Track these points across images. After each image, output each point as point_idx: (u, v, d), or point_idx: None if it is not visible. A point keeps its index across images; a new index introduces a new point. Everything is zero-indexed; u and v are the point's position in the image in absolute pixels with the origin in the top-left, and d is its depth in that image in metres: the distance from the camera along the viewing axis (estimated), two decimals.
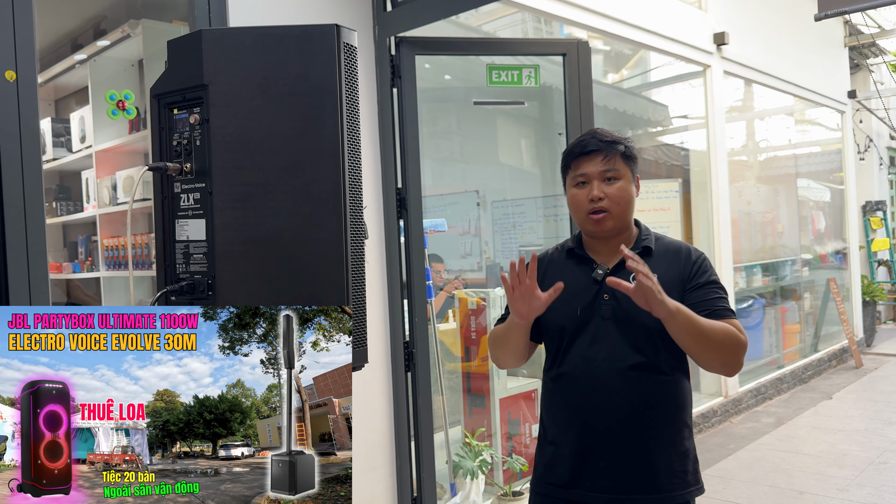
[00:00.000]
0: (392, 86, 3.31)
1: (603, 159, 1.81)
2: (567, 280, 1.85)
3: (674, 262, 1.83)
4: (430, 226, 3.60)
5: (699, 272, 1.81)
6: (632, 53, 6.28)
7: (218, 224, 1.33)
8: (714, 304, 1.77)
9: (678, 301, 1.73)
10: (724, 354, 1.74)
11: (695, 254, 1.85)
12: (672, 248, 1.87)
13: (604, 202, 1.80)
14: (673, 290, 1.76)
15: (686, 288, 1.79)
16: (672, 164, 6.48)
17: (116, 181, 3.82)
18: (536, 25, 5.27)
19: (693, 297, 1.78)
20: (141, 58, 3.76)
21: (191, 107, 1.37)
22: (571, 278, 1.85)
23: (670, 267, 1.82)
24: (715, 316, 1.75)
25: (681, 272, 1.81)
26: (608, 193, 1.80)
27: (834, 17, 2.15)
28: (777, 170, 8.21)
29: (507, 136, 5.57)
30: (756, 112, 7.69)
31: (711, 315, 1.75)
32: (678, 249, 1.87)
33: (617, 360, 1.77)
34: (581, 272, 1.86)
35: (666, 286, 1.74)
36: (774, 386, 6.74)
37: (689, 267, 1.82)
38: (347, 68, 1.35)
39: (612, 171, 1.81)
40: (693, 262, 1.82)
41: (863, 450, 4.99)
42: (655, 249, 1.86)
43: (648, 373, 1.77)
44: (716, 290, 1.80)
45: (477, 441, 3.68)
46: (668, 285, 1.76)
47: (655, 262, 1.81)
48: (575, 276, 1.86)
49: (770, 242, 7.62)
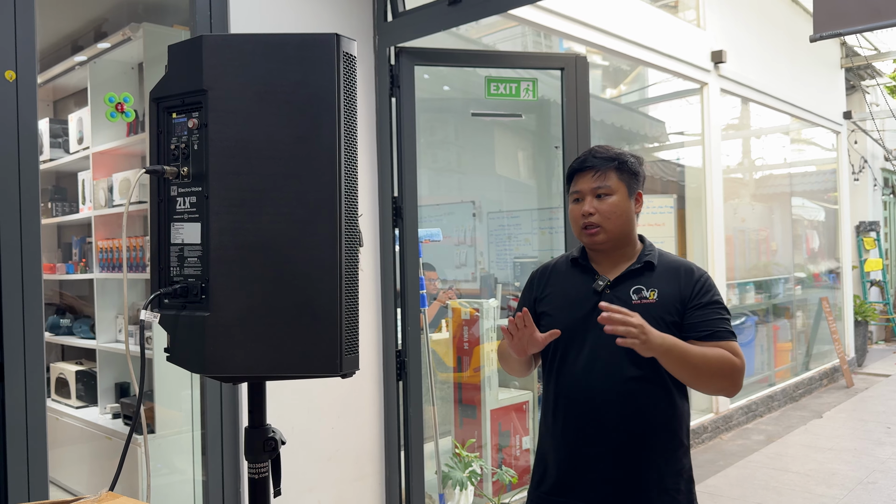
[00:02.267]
0: (391, 95, 3.33)
1: (594, 175, 1.85)
2: (568, 289, 1.91)
3: (675, 279, 1.84)
4: (425, 235, 3.61)
5: (702, 291, 1.82)
6: (630, 69, 6.32)
7: (213, 228, 1.34)
8: (716, 325, 1.79)
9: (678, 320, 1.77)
10: (720, 381, 1.76)
11: (697, 273, 1.86)
12: (675, 266, 1.88)
13: (594, 217, 1.84)
14: (673, 307, 1.79)
15: (688, 307, 1.80)
16: (668, 179, 6.51)
17: (113, 183, 3.82)
18: (536, 39, 5.31)
19: (694, 317, 1.79)
20: (141, 61, 3.77)
21: (189, 111, 1.37)
22: (573, 287, 1.90)
23: (671, 284, 1.83)
24: (716, 338, 1.77)
25: (682, 290, 1.82)
26: (599, 209, 1.83)
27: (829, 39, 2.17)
28: (772, 188, 8.25)
29: (504, 148, 5.59)
30: (752, 130, 7.75)
31: (713, 336, 1.76)
32: (681, 267, 1.88)
33: (614, 371, 1.79)
34: (582, 282, 1.90)
35: (666, 303, 1.78)
36: (765, 403, 6.75)
37: (691, 286, 1.83)
38: (346, 77, 1.36)
39: (603, 187, 1.84)
40: (696, 282, 1.83)
41: (852, 469, 5.00)
42: (658, 265, 1.87)
43: (645, 385, 1.79)
44: (718, 310, 1.81)
45: (467, 452, 3.67)
46: (669, 303, 1.79)
47: (657, 278, 1.84)
48: (576, 286, 1.90)
49: (764, 260, 7.66)
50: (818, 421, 6.44)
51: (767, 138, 8.09)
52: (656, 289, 1.82)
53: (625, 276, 1.85)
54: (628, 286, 1.83)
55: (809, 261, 8.74)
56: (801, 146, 8.88)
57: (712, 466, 5.15)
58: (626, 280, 1.85)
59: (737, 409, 6.28)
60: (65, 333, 4.42)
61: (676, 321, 1.80)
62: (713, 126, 6.09)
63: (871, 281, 10.25)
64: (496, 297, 4.67)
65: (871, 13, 2.00)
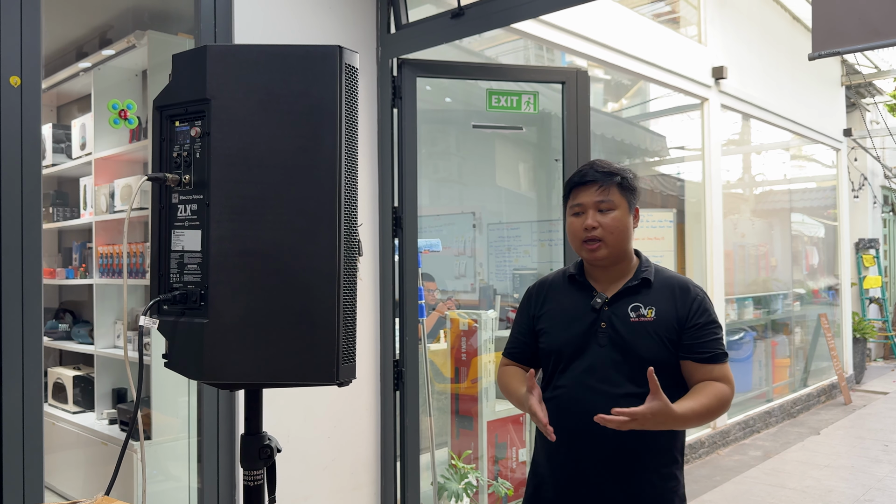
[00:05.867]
0: (393, 106, 3.35)
1: (597, 189, 1.85)
2: (566, 306, 1.90)
3: (672, 297, 1.84)
4: (424, 245, 3.62)
5: (699, 311, 1.83)
6: (631, 84, 6.35)
7: (213, 235, 1.35)
8: (712, 348, 1.81)
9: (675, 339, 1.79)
10: (716, 417, 1.81)
11: (693, 291, 1.86)
12: (671, 283, 1.88)
13: (597, 231, 1.83)
14: (671, 326, 1.80)
15: (685, 327, 1.81)
16: (668, 193, 6.53)
17: (114, 189, 3.84)
18: (538, 53, 5.34)
19: (691, 338, 1.81)
20: (145, 68, 3.80)
21: (192, 120, 1.39)
22: (570, 304, 1.90)
23: (668, 302, 1.83)
24: (714, 360, 1.80)
25: (678, 310, 1.82)
26: (602, 223, 1.83)
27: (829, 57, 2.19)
28: (772, 204, 8.27)
29: (505, 160, 5.61)
30: (752, 146, 7.77)
31: (711, 360, 1.79)
32: (677, 285, 1.87)
33: (611, 388, 1.78)
34: (580, 298, 1.89)
35: (664, 321, 1.80)
36: (763, 419, 6.73)
37: (687, 305, 1.83)
38: (348, 89, 1.37)
39: (606, 201, 1.84)
40: (692, 301, 1.84)
41: (848, 486, 4.99)
42: (655, 282, 1.87)
43: (641, 402, 1.77)
44: (714, 330, 1.83)
45: (463, 463, 3.67)
46: (667, 321, 1.80)
47: (654, 296, 1.84)
48: (574, 303, 1.90)
49: (763, 276, 7.66)
50: (816, 438, 6.42)
51: (767, 154, 8.12)
52: (654, 307, 1.82)
53: (622, 294, 1.86)
54: (626, 303, 1.84)
55: (809, 277, 8.75)
56: (802, 162, 8.91)
57: (709, 482, 5.13)
58: (624, 297, 1.85)
59: (734, 425, 6.27)
60: (63, 338, 4.42)
61: (674, 339, 1.81)
62: (713, 141, 6.11)
63: (869, 298, 10.26)
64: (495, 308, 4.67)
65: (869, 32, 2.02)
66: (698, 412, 1.72)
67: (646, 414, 1.61)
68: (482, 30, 3.09)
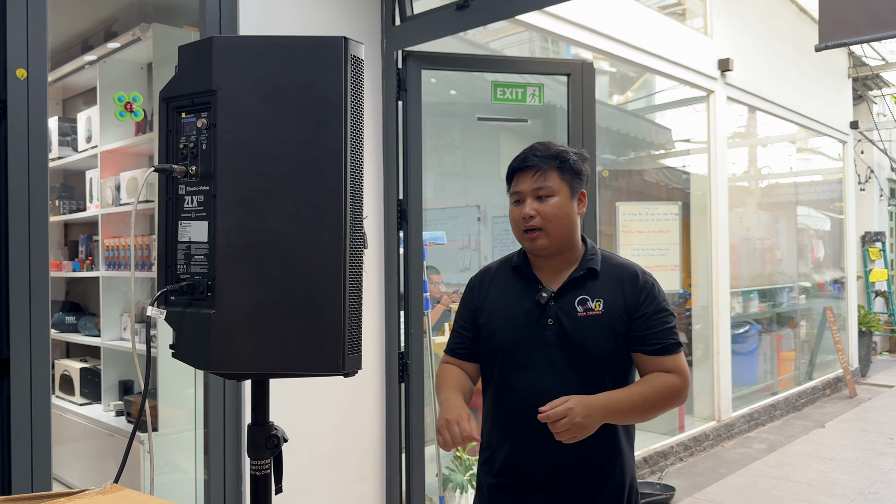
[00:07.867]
0: (398, 98, 3.34)
1: (534, 175, 1.75)
2: (510, 300, 1.81)
3: (620, 286, 1.76)
4: (429, 238, 3.62)
5: (647, 300, 1.74)
6: (637, 76, 6.33)
7: (220, 227, 1.35)
8: (664, 338, 1.73)
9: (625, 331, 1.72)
10: (666, 409, 1.74)
11: (642, 279, 1.77)
12: (619, 271, 1.79)
13: (535, 220, 1.73)
14: (619, 318, 1.73)
15: (634, 317, 1.73)
16: (673, 186, 6.52)
17: (120, 182, 3.85)
18: (543, 45, 5.32)
19: (641, 328, 1.73)
20: (150, 61, 3.80)
21: (199, 111, 1.39)
22: (515, 299, 1.80)
23: (616, 292, 1.75)
24: (665, 351, 1.72)
25: (627, 300, 1.74)
26: (540, 211, 1.73)
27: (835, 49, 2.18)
28: (778, 197, 8.25)
29: (510, 153, 5.55)
30: (758, 139, 7.74)
31: (662, 350, 1.71)
32: (625, 273, 1.78)
33: (560, 386, 1.69)
34: (525, 293, 1.79)
35: (612, 314, 1.73)
36: (767, 412, 6.73)
37: (636, 294, 1.74)
38: (354, 80, 1.38)
39: (544, 188, 1.74)
40: (640, 289, 1.75)
41: (853, 479, 4.99)
42: (602, 271, 1.78)
43: None
44: (665, 319, 1.74)
45: (467, 455, 3.68)
46: (615, 313, 1.73)
47: (602, 286, 1.76)
48: (519, 297, 1.80)
49: (768, 269, 7.64)
50: (820, 430, 6.42)
51: (773, 147, 8.09)
52: (601, 298, 1.73)
53: (568, 286, 1.76)
54: (573, 297, 1.74)
55: (814, 270, 8.73)
56: (808, 155, 8.88)
57: (713, 474, 5.14)
58: (570, 290, 1.76)
59: (739, 417, 6.26)
60: (70, 330, 4.44)
61: (624, 332, 1.73)
62: (719, 134, 6.09)
63: (875, 291, 10.23)
64: None
65: (876, 23, 2.01)
66: (635, 401, 1.66)
67: (568, 412, 1.55)
68: (487, 21, 3.09)
